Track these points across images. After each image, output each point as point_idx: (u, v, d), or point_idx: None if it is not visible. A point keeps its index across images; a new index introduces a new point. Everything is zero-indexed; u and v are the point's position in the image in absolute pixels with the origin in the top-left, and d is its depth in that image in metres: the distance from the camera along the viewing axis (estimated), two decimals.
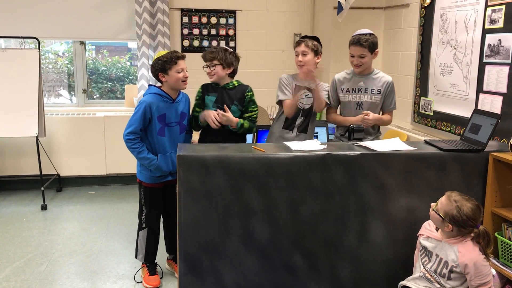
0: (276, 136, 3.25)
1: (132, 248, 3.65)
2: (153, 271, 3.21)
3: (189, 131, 3.28)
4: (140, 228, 3.21)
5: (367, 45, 3.09)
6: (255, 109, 3.25)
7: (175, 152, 3.12)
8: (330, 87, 3.32)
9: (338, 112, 3.38)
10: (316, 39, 3.19)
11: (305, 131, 3.23)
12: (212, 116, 3.04)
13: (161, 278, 3.25)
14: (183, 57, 3.03)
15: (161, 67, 2.97)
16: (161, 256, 3.42)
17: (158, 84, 3.17)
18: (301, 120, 3.21)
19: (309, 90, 3.17)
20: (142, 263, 3.27)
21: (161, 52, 3.05)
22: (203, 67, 3.21)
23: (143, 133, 3.02)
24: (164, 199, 3.24)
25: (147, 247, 3.20)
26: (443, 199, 2.34)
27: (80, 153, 5.21)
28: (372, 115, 3.08)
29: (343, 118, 3.29)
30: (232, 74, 3.23)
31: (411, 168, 2.62)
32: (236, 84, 3.23)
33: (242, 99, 3.19)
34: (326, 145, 2.70)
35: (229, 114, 3.06)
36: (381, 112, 3.28)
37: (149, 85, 3.18)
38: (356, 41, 3.11)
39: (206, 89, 3.25)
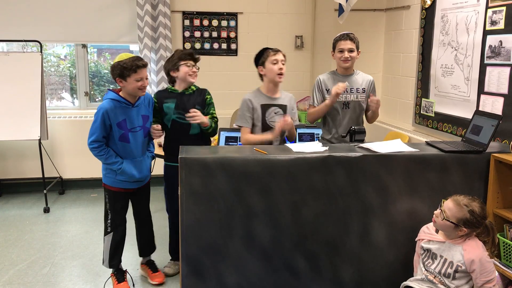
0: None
1: (134, 251, 3.66)
2: (121, 278, 3.15)
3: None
4: (105, 232, 3.11)
5: (355, 41, 3.20)
6: (214, 110, 3.24)
7: (144, 157, 3.10)
8: (315, 87, 3.31)
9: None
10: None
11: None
12: (155, 132, 3.05)
13: (133, 285, 3.21)
14: (144, 66, 2.90)
15: (119, 72, 2.86)
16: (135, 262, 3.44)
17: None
18: (279, 141, 3.07)
19: (280, 108, 3.05)
20: (111, 273, 3.19)
21: (124, 55, 2.92)
22: (186, 65, 3.11)
23: (105, 140, 2.95)
24: (133, 202, 3.19)
25: (111, 252, 3.10)
26: (450, 206, 2.31)
27: (83, 156, 5.20)
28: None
29: (319, 106, 3.23)
30: None
31: (412, 169, 2.63)
32: (195, 89, 3.21)
33: (203, 102, 3.18)
34: (328, 147, 2.70)
35: (199, 113, 3.03)
36: (364, 112, 3.32)
37: (108, 89, 3.10)
38: (346, 36, 3.19)
39: (160, 96, 3.19)
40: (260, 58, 3.03)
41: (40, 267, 3.44)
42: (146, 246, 3.33)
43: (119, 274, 3.16)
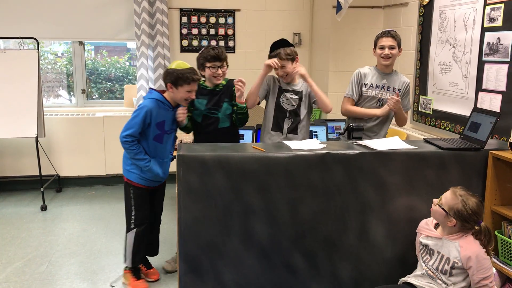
0: (266, 137, 3.22)
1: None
2: (139, 275, 3.13)
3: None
4: (128, 229, 3.06)
5: (396, 38, 3.19)
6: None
7: (168, 159, 3.11)
8: (354, 79, 3.30)
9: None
10: (289, 44, 3.14)
11: (295, 133, 3.16)
12: (179, 113, 3.02)
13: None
14: (198, 80, 2.96)
15: (174, 79, 2.87)
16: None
17: (157, 86, 3.10)
18: (290, 121, 3.15)
19: (295, 94, 3.15)
20: (125, 269, 3.16)
21: (181, 63, 2.93)
22: (209, 67, 3.07)
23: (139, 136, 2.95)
24: (150, 200, 3.16)
25: (134, 249, 3.05)
26: (447, 194, 2.34)
27: (80, 154, 5.21)
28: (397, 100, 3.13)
29: (367, 110, 3.25)
30: None
31: (410, 166, 2.62)
32: (225, 83, 3.18)
33: (231, 94, 3.15)
34: (326, 144, 2.70)
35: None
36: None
37: (150, 88, 3.11)
38: (387, 33, 3.20)
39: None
40: (274, 50, 3.10)
41: (37, 265, 3.43)
42: (155, 244, 3.31)
43: (136, 271, 3.14)
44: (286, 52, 3.05)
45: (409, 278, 2.45)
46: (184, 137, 3.96)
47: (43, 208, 4.57)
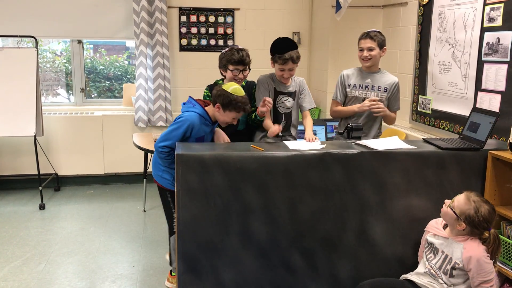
0: (261, 139, 3.19)
1: (130, 247, 3.66)
2: None
3: None
4: (171, 233, 3.01)
5: (376, 39, 3.14)
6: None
7: None
8: (338, 82, 3.32)
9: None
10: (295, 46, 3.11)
11: (288, 133, 3.18)
12: (222, 140, 2.97)
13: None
14: (248, 111, 2.89)
15: (226, 103, 2.76)
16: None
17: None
18: (284, 124, 3.13)
19: (289, 95, 3.13)
20: (172, 274, 3.12)
21: (238, 89, 2.80)
22: (232, 70, 3.03)
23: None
24: None
25: None
26: (460, 198, 2.32)
27: (78, 152, 5.19)
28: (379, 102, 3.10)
29: (347, 107, 3.27)
30: None
31: (410, 166, 2.62)
32: (244, 84, 3.14)
33: (250, 98, 3.03)
34: (325, 144, 2.69)
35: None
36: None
37: (190, 98, 2.97)
38: (366, 35, 3.17)
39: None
40: (274, 52, 3.05)
41: (35, 264, 3.42)
42: None
43: None
44: (298, 56, 3.05)
45: (411, 276, 2.44)
46: None
47: (42, 207, 4.56)
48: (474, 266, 2.23)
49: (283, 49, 3.01)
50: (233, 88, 2.78)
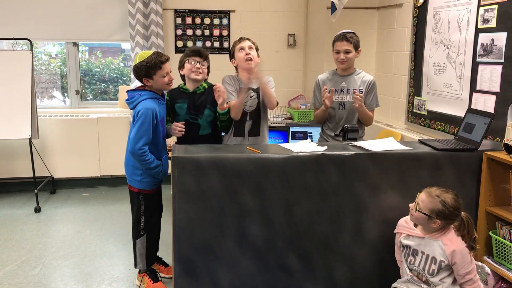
0: (229, 142, 3.14)
1: (126, 250, 3.64)
2: (156, 277, 3.10)
3: None
4: (137, 236, 3.03)
5: (352, 41, 3.16)
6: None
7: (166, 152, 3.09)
8: (315, 88, 3.35)
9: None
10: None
11: (257, 134, 3.12)
12: (176, 130, 2.96)
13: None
14: (167, 60, 2.89)
15: (145, 72, 2.83)
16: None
17: (140, 84, 2.99)
18: (250, 123, 3.08)
19: (254, 91, 3.09)
20: (141, 272, 3.13)
21: (143, 54, 2.86)
22: (186, 60, 3.02)
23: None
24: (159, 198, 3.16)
25: (148, 253, 3.06)
26: (423, 197, 2.31)
27: (74, 155, 5.18)
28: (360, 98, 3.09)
29: (320, 109, 3.26)
30: None
31: (405, 167, 2.63)
32: (206, 86, 3.09)
33: (212, 100, 3.01)
34: (326, 146, 2.69)
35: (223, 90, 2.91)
36: None
37: (138, 90, 2.95)
38: (342, 37, 3.17)
39: (173, 95, 3.09)
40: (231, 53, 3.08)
41: (31, 267, 3.41)
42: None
43: (153, 274, 3.12)
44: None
45: (399, 284, 2.43)
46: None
47: (37, 210, 4.55)
48: (459, 259, 2.23)
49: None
50: (139, 56, 2.86)
